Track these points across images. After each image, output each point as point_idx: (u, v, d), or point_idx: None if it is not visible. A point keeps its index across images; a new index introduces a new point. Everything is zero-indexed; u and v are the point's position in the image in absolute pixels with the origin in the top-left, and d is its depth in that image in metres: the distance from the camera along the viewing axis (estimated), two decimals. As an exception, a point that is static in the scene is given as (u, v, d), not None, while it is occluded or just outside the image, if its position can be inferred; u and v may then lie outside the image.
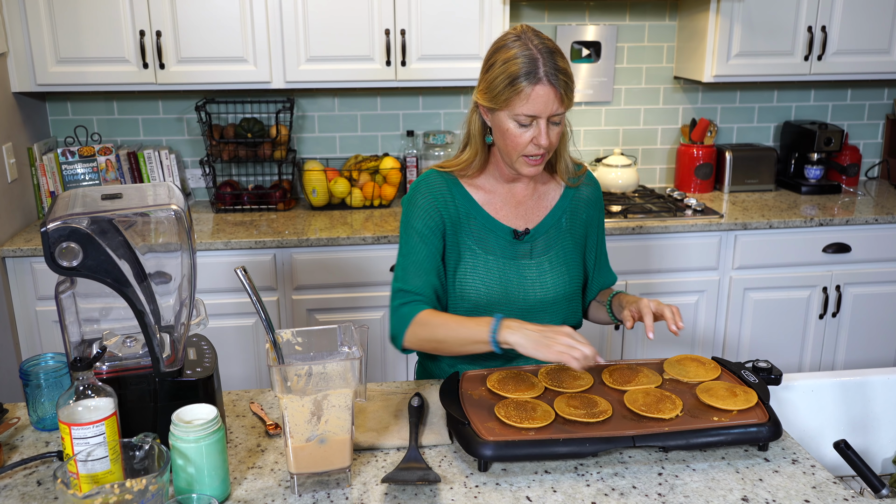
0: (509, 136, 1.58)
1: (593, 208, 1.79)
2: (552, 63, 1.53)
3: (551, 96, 1.53)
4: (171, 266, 1.41)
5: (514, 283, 1.68)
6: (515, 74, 1.53)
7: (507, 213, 1.71)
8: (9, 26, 2.86)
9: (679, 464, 1.37)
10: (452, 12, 3.00)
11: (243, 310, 2.88)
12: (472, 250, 1.68)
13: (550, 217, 1.73)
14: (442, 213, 1.67)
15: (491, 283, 1.67)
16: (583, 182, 1.77)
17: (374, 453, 1.42)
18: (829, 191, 3.49)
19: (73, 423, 1.21)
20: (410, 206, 1.70)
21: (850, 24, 3.21)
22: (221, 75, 2.98)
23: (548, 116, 1.55)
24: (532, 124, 1.57)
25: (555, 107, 1.55)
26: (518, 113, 1.55)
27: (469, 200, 1.70)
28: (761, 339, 3.20)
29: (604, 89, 3.50)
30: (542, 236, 1.72)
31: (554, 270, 1.71)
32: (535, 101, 1.53)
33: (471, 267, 1.68)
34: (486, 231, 1.69)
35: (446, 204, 1.68)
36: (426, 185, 1.70)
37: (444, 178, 1.71)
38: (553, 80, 1.52)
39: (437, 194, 1.68)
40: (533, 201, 1.74)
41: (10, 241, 2.85)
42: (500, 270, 1.68)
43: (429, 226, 1.66)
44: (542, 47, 1.54)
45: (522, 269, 1.69)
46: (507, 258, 1.69)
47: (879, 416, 1.71)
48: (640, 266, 3.06)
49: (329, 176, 3.23)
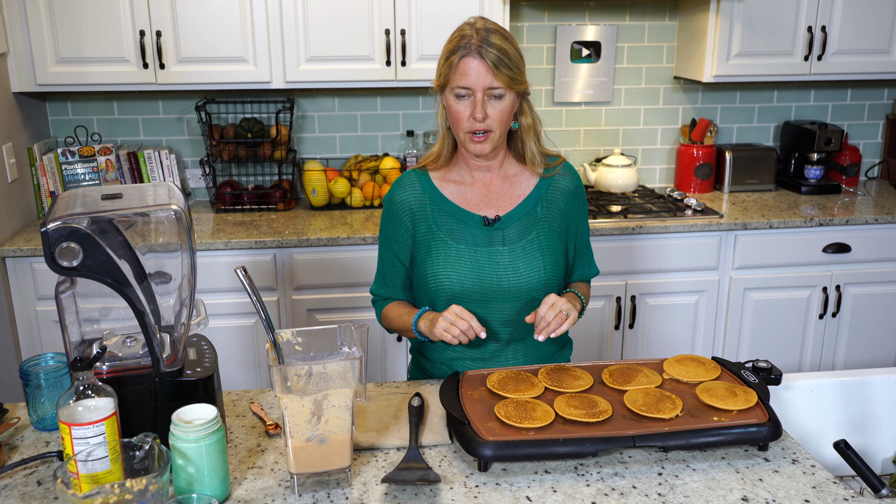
0: (452, 112, 1.67)
1: (572, 198, 1.80)
2: (485, 39, 1.62)
3: (482, 69, 1.61)
4: (171, 266, 1.41)
5: (486, 271, 1.71)
6: (451, 50, 1.64)
7: (477, 202, 1.76)
8: (9, 26, 2.86)
9: (679, 464, 1.37)
10: (452, 12, 3.00)
11: (243, 310, 2.88)
12: (444, 242, 1.73)
13: (524, 205, 1.76)
14: (410, 215, 1.75)
15: (463, 272, 1.71)
16: (559, 173, 1.79)
17: (374, 453, 1.42)
18: (829, 191, 3.49)
19: (73, 423, 1.21)
20: (384, 212, 1.82)
21: (850, 24, 3.21)
22: (221, 75, 2.98)
23: (483, 90, 1.62)
24: (469, 98, 1.64)
25: (488, 80, 1.62)
26: (454, 86, 1.64)
27: (439, 195, 1.76)
28: (761, 339, 3.20)
29: (604, 89, 3.50)
30: (514, 223, 1.74)
31: (527, 257, 1.72)
32: (465, 73, 1.62)
33: (443, 258, 1.72)
34: (457, 222, 1.74)
35: (416, 205, 1.76)
36: (397, 188, 1.80)
37: (417, 176, 1.79)
38: (483, 53, 1.61)
39: (407, 195, 1.77)
40: (504, 190, 1.77)
41: (10, 241, 2.85)
42: (471, 258, 1.72)
43: (398, 231, 1.77)
44: (480, 26, 1.64)
45: (494, 256, 1.72)
46: (479, 246, 1.73)
47: (879, 416, 1.71)
48: (639, 266, 3.06)
49: (329, 176, 3.23)
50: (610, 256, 3.00)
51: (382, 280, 1.85)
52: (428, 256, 1.73)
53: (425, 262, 1.74)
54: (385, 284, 1.84)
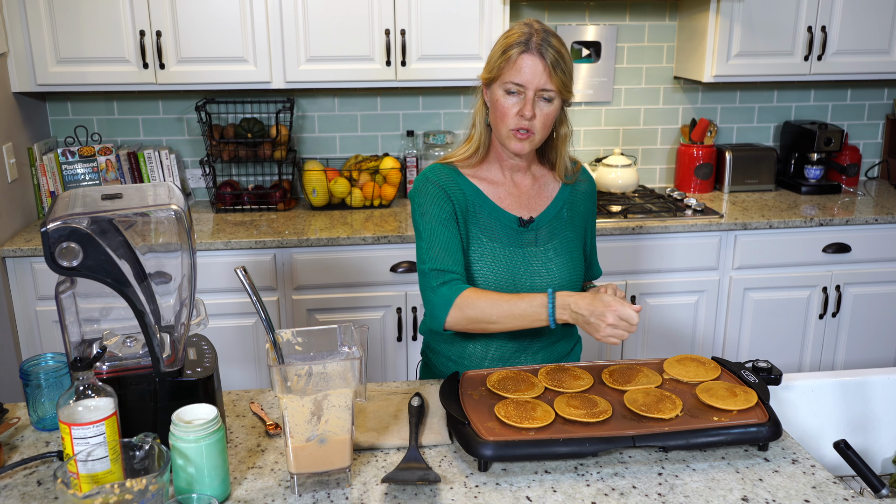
0: (498, 106, 1.65)
1: (589, 201, 1.84)
2: (545, 39, 1.61)
3: (539, 67, 1.60)
4: (171, 266, 1.41)
5: (521, 271, 1.71)
6: (509, 44, 1.62)
7: (510, 202, 1.75)
8: (9, 26, 2.86)
9: (679, 464, 1.37)
10: (452, 12, 3.00)
11: (243, 310, 2.88)
12: (480, 239, 1.71)
13: (552, 207, 1.77)
14: (452, 200, 1.70)
15: (499, 271, 1.70)
16: (578, 178, 1.82)
17: (374, 453, 1.42)
18: (829, 191, 3.48)
19: (73, 423, 1.21)
20: (420, 195, 1.71)
21: (850, 24, 3.21)
22: (221, 75, 2.98)
23: (535, 89, 1.61)
24: (520, 95, 1.62)
25: (543, 80, 1.60)
26: (507, 80, 1.62)
27: (474, 190, 1.73)
28: (761, 339, 3.20)
29: (604, 89, 3.50)
30: (545, 225, 1.75)
31: (559, 258, 1.74)
32: (522, 69, 1.60)
33: (478, 255, 1.71)
34: (492, 220, 1.72)
35: (454, 192, 1.71)
36: (433, 175, 1.73)
37: (448, 170, 1.75)
38: (542, 51, 1.60)
39: (445, 183, 1.71)
40: (534, 191, 1.77)
41: (10, 241, 2.84)
42: (506, 258, 1.71)
43: (445, 210, 1.69)
44: (540, 27, 1.63)
45: (529, 257, 1.72)
46: (514, 246, 1.72)
47: (879, 416, 1.71)
48: (639, 266, 3.06)
49: (329, 176, 3.23)
50: (610, 256, 3.00)
51: (446, 255, 1.65)
52: (466, 251, 1.71)
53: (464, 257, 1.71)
54: (451, 260, 1.65)
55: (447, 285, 1.63)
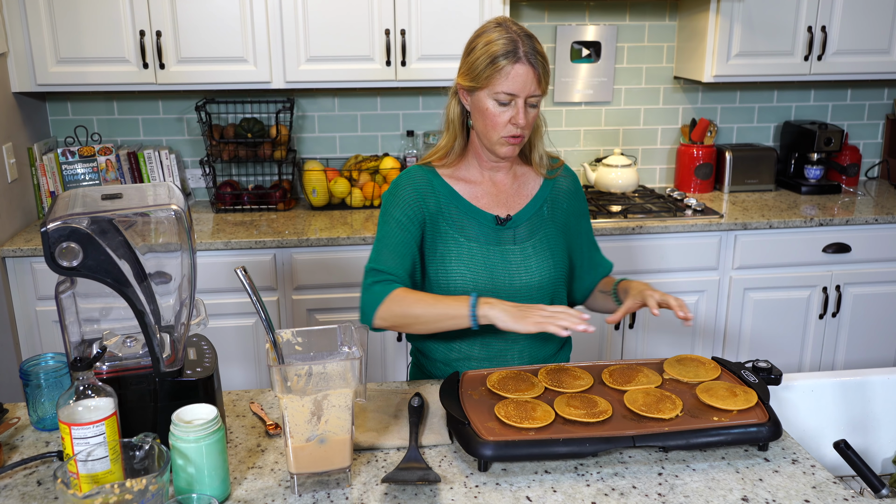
0: (489, 115, 1.64)
1: (574, 199, 1.83)
2: (531, 45, 1.61)
3: (530, 76, 1.60)
4: (171, 266, 1.41)
5: (499, 269, 1.71)
6: (496, 54, 1.60)
7: (488, 201, 1.75)
8: (9, 26, 2.86)
9: (679, 464, 1.37)
10: (452, 12, 3.00)
11: (243, 310, 2.88)
12: (456, 239, 1.71)
13: (532, 205, 1.77)
14: (422, 205, 1.71)
15: (476, 270, 1.70)
16: (560, 174, 1.82)
17: (374, 453, 1.42)
18: (829, 191, 3.48)
19: (73, 423, 1.21)
20: (391, 197, 1.74)
21: (850, 24, 3.21)
22: (221, 75, 2.98)
23: (526, 97, 1.62)
24: (511, 104, 1.62)
25: (533, 87, 1.61)
26: (498, 91, 1.61)
27: (450, 191, 1.74)
28: (761, 339, 3.20)
29: (604, 89, 3.50)
30: (524, 223, 1.75)
31: (538, 255, 1.74)
32: (514, 80, 1.60)
33: (455, 255, 1.71)
34: (469, 219, 1.72)
35: (427, 196, 1.72)
36: (406, 179, 1.75)
37: (424, 172, 1.75)
38: (532, 60, 1.60)
39: (418, 186, 1.73)
40: (513, 189, 1.78)
41: (10, 241, 2.84)
42: (483, 257, 1.71)
43: (407, 215, 1.70)
44: (521, 32, 1.63)
45: (507, 255, 1.72)
46: (491, 244, 1.72)
47: (879, 416, 1.71)
48: (639, 266, 3.06)
49: (329, 176, 3.23)
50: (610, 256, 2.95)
51: (389, 257, 1.67)
52: (440, 253, 1.72)
53: (438, 259, 1.72)
54: (393, 263, 1.67)
55: (380, 284, 1.65)
